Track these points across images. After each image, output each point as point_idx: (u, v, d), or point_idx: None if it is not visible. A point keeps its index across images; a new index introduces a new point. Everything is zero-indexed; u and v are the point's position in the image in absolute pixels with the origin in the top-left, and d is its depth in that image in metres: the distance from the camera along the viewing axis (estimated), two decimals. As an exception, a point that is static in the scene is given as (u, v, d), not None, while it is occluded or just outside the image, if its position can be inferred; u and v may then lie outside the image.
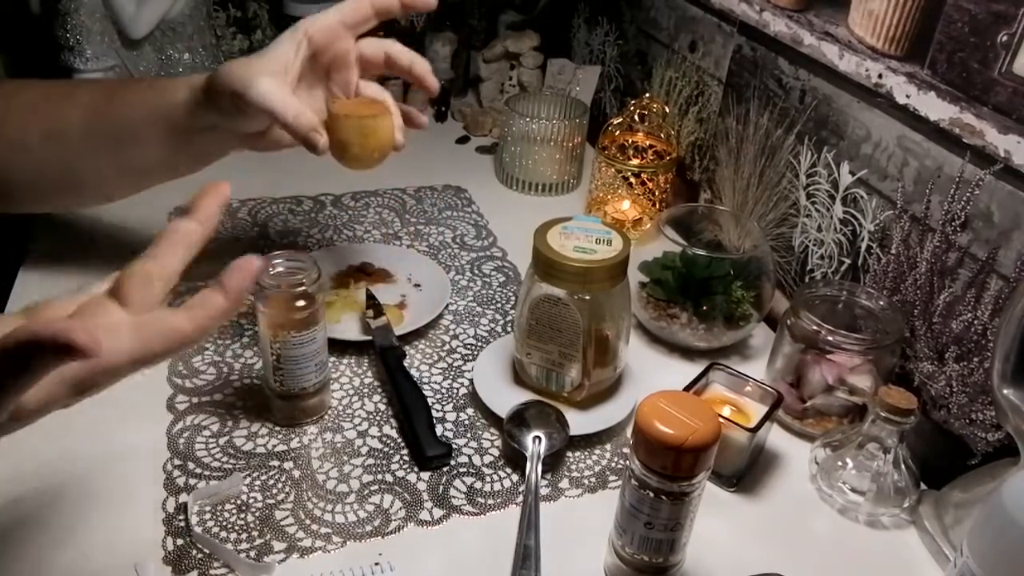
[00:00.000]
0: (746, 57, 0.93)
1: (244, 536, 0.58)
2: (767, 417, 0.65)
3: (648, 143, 1.02)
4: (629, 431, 0.70)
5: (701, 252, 0.78)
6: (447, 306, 0.85)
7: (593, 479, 0.66)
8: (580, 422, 0.69)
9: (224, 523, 0.59)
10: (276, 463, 0.65)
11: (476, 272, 0.92)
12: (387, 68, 0.71)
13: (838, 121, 0.79)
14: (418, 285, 0.87)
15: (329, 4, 0.76)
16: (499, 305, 0.87)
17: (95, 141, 0.69)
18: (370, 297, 0.80)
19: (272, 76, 0.62)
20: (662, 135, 1.01)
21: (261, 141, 0.71)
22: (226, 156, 0.74)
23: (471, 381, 0.74)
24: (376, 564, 0.57)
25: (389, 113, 0.66)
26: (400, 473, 0.65)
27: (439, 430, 0.68)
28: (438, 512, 0.62)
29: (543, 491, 0.64)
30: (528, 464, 0.64)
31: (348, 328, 0.79)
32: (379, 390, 0.73)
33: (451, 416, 0.71)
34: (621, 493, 0.55)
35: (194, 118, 0.67)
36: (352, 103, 0.67)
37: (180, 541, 0.57)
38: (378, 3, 0.67)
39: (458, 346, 0.80)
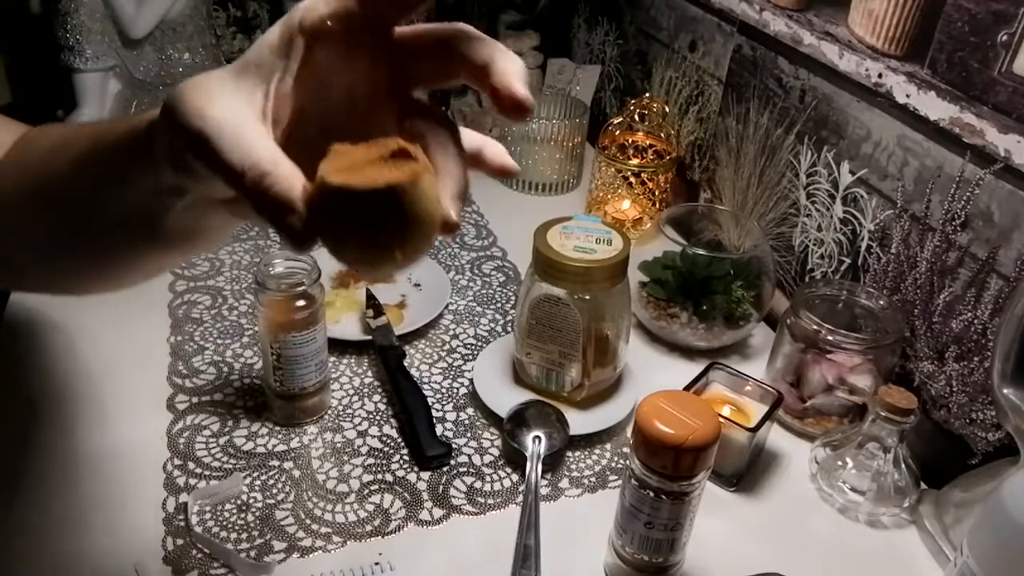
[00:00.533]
0: (746, 57, 0.93)
1: (244, 536, 0.58)
2: (767, 417, 0.65)
3: (648, 143, 1.02)
4: (629, 431, 0.70)
5: (701, 252, 0.78)
6: (447, 306, 0.85)
7: (593, 479, 0.66)
8: (580, 422, 0.69)
9: (224, 523, 0.59)
10: (276, 463, 0.65)
11: (476, 272, 0.92)
12: (448, 72, 0.38)
13: (838, 121, 0.79)
14: (418, 285, 0.87)
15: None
16: (499, 305, 0.87)
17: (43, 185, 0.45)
18: (370, 297, 0.80)
19: (236, 104, 0.34)
20: (662, 135, 1.01)
21: (248, 210, 0.36)
22: (219, 236, 0.45)
23: (471, 381, 0.74)
24: (376, 564, 0.57)
25: (428, 172, 0.32)
26: (400, 473, 0.65)
27: (439, 430, 0.68)
28: (438, 512, 0.62)
29: (543, 491, 0.64)
30: (528, 464, 0.64)
31: (348, 328, 0.79)
32: (379, 390, 0.73)
33: (451, 416, 0.71)
34: (621, 493, 0.55)
35: (147, 170, 0.38)
36: (359, 155, 0.32)
37: (180, 541, 0.57)
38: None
39: (458, 346, 0.80)
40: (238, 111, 0.33)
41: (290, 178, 0.32)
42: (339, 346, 0.76)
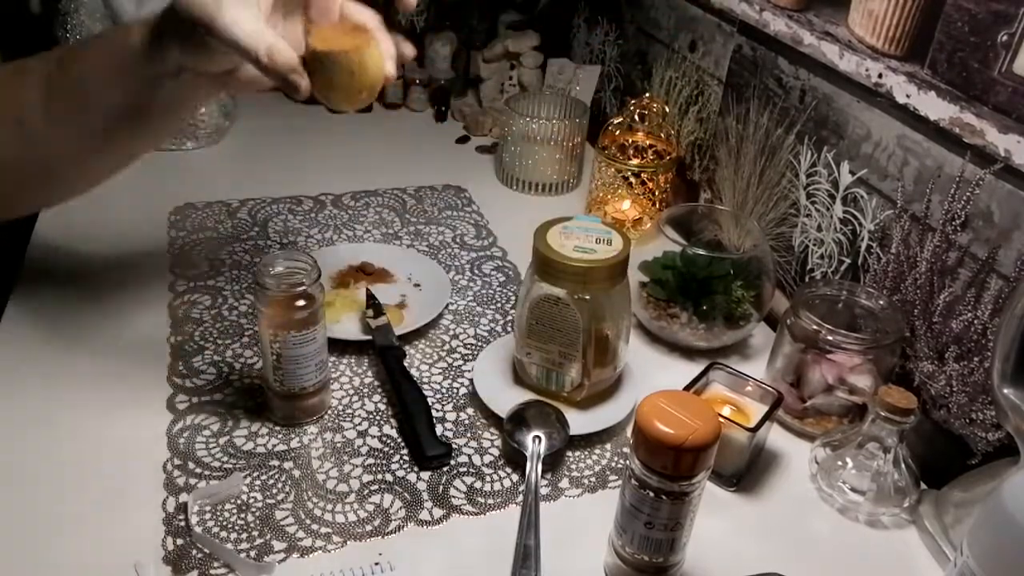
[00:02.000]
0: (746, 57, 0.93)
1: (244, 536, 0.58)
2: (767, 417, 0.65)
3: (648, 143, 1.02)
4: (629, 431, 0.70)
5: (701, 252, 0.78)
6: (447, 306, 0.85)
7: (593, 479, 0.66)
8: (580, 422, 0.69)
9: (224, 523, 0.59)
10: (276, 463, 0.65)
11: (476, 272, 0.92)
12: None
13: (838, 121, 0.79)
14: (418, 285, 0.87)
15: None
16: (499, 305, 0.87)
17: (54, 114, 0.61)
18: (370, 297, 0.80)
19: (242, 3, 0.52)
20: (662, 135, 1.01)
21: (234, 81, 0.60)
22: (200, 105, 0.66)
23: (471, 381, 0.74)
24: (376, 564, 0.57)
25: (376, 41, 0.55)
26: (400, 473, 0.65)
27: (439, 430, 0.68)
28: (438, 512, 0.62)
29: (543, 491, 0.64)
30: (528, 464, 0.64)
31: (348, 328, 0.79)
32: (379, 390, 0.73)
33: (451, 416, 0.71)
34: (621, 493, 0.55)
35: (154, 60, 0.56)
36: (332, 32, 0.56)
37: (180, 541, 0.57)
38: None
39: (458, 346, 0.80)
40: (246, 11, 0.52)
41: (292, 52, 0.53)
42: (339, 346, 0.76)
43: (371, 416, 0.70)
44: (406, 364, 0.74)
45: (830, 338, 0.68)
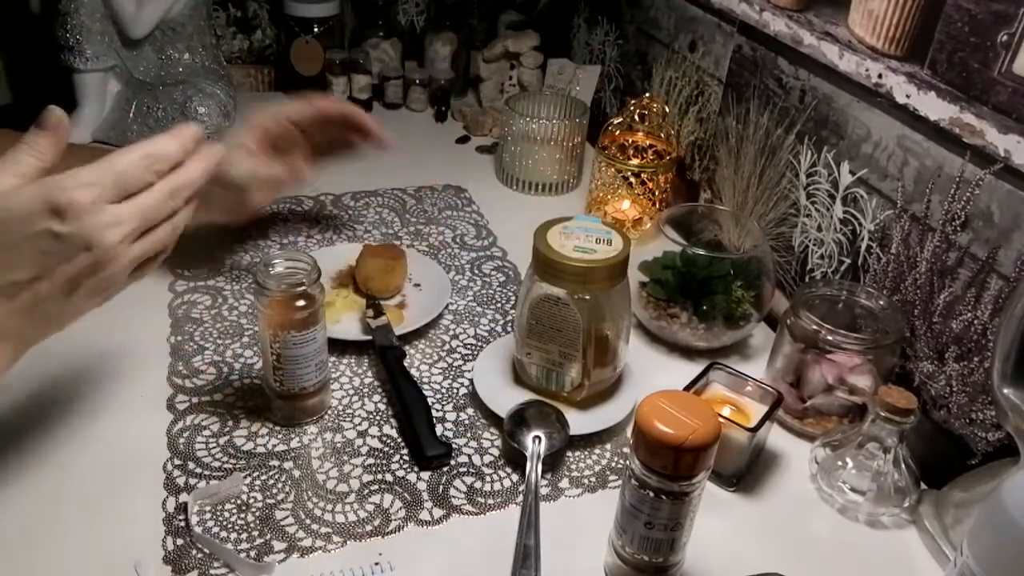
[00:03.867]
0: (746, 57, 0.93)
1: (244, 536, 0.58)
2: (767, 417, 0.65)
3: (648, 143, 1.02)
4: (629, 431, 0.70)
5: (701, 252, 0.78)
6: (447, 306, 0.85)
7: (593, 479, 0.66)
8: (580, 422, 0.69)
9: (224, 523, 0.59)
10: (276, 463, 0.65)
11: (476, 272, 0.92)
12: (331, 125, 0.86)
13: (838, 121, 0.79)
14: (418, 285, 0.87)
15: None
16: (499, 305, 0.87)
17: None
18: (370, 297, 0.80)
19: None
20: (662, 135, 1.01)
21: (235, 209, 0.81)
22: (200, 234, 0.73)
23: (471, 381, 0.74)
24: (376, 564, 0.57)
25: (404, 256, 0.85)
26: (400, 473, 0.65)
27: (439, 430, 0.68)
28: (438, 512, 0.62)
29: (543, 491, 0.64)
30: (528, 464, 0.64)
31: (348, 328, 0.79)
32: (379, 390, 0.73)
33: (451, 416, 0.71)
34: (621, 493, 0.55)
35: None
36: (378, 247, 0.86)
37: (180, 541, 0.57)
38: (323, 109, 0.84)
39: (458, 346, 0.80)
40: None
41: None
42: (339, 346, 0.76)
43: (371, 416, 0.70)
44: (406, 364, 0.74)
45: (830, 338, 0.68)
